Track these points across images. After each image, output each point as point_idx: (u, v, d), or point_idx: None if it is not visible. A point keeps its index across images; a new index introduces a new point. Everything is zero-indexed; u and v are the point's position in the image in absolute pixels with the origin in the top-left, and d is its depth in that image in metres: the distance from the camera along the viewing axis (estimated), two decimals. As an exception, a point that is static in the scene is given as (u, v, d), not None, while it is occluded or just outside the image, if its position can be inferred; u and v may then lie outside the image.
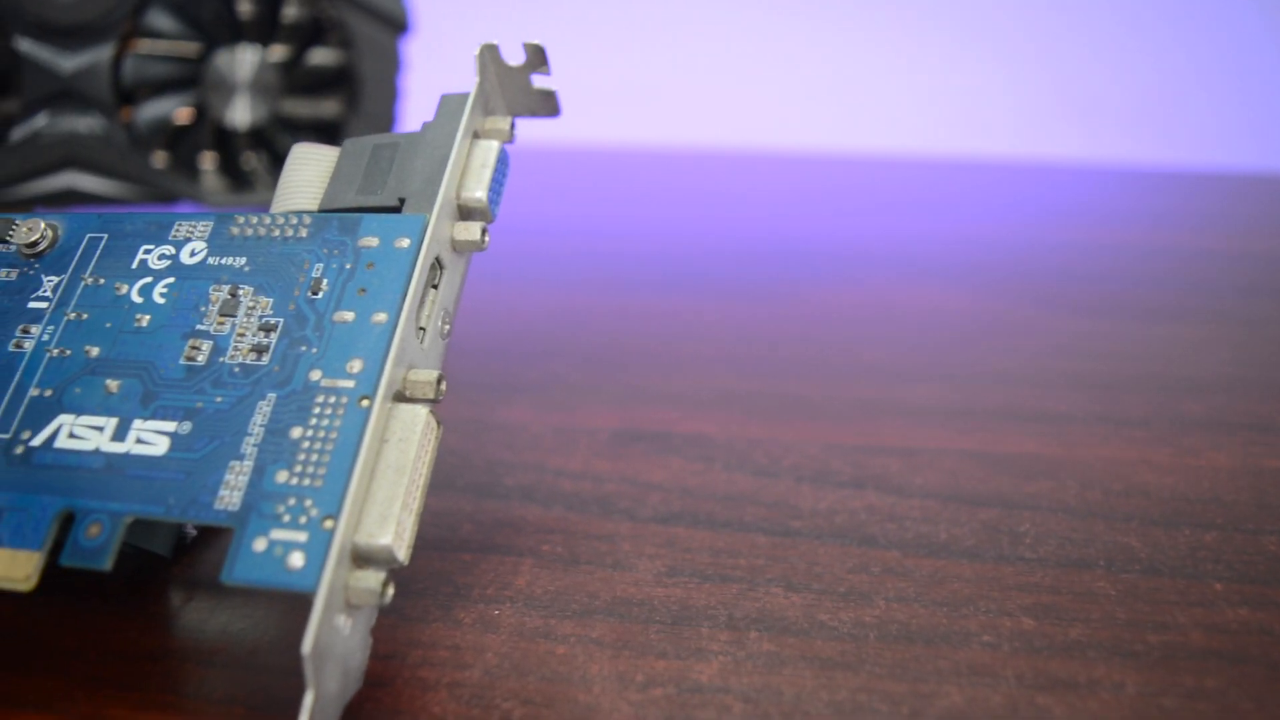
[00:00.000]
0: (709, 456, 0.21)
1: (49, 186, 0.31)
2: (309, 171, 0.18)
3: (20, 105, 0.30)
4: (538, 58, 0.17)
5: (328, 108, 0.34)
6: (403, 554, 0.14)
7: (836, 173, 0.49)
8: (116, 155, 0.31)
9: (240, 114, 0.32)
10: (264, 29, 0.33)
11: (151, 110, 0.32)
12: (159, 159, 0.33)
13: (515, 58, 0.17)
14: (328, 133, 0.34)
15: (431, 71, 0.40)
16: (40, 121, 0.30)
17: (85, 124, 0.31)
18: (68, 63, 0.30)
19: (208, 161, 0.34)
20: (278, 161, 0.34)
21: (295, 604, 0.17)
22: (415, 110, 0.37)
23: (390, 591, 0.13)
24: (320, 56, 0.34)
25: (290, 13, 0.33)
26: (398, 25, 0.34)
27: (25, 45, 0.30)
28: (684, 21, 0.62)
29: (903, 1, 0.60)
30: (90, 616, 0.16)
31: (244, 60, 0.32)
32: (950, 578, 0.17)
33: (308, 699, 0.13)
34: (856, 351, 0.27)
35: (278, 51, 0.33)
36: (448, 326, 0.16)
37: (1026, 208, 0.43)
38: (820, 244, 0.37)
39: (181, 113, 0.33)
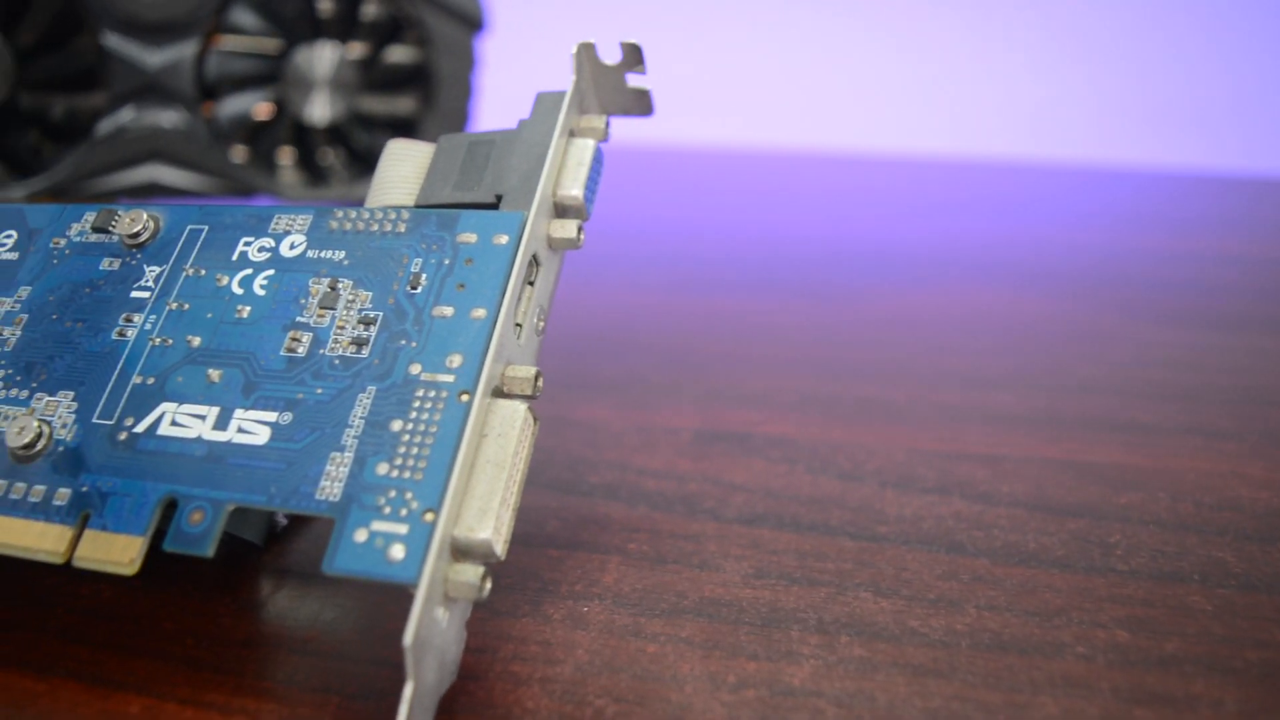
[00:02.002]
0: (791, 459, 0.21)
1: (133, 179, 0.31)
2: (404, 167, 0.18)
3: (107, 99, 0.31)
4: (634, 56, 0.17)
5: (403, 105, 0.35)
6: (500, 549, 0.14)
7: (916, 174, 0.49)
8: (198, 149, 0.32)
9: (319, 110, 0.33)
10: (343, 26, 0.33)
11: (232, 105, 0.33)
12: (238, 153, 0.33)
13: (610, 56, 0.17)
14: (403, 129, 0.35)
15: (501, 69, 0.40)
16: (126, 116, 0.31)
17: (168, 118, 0.31)
18: (153, 58, 0.31)
19: (286, 156, 0.34)
20: (354, 158, 0.34)
21: (383, 595, 0.17)
22: (489, 108, 0.37)
23: (488, 586, 0.13)
24: (398, 54, 0.34)
25: (370, 11, 0.33)
26: (474, 23, 0.34)
27: (113, 41, 0.30)
28: (758, 22, 0.62)
29: (977, 4, 0.59)
30: (185, 601, 0.17)
31: (323, 57, 0.32)
32: (1041, 587, 0.17)
33: (408, 690, 0.13)
34: (936, 355, 0.26)
35: (356, 49, 0.33)
36: (542, 323, 0.16)
37: (1102, 212, 0.42)
38: (896, 246, 0.36)
39: (261, 108, 0.33)
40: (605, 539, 0.18)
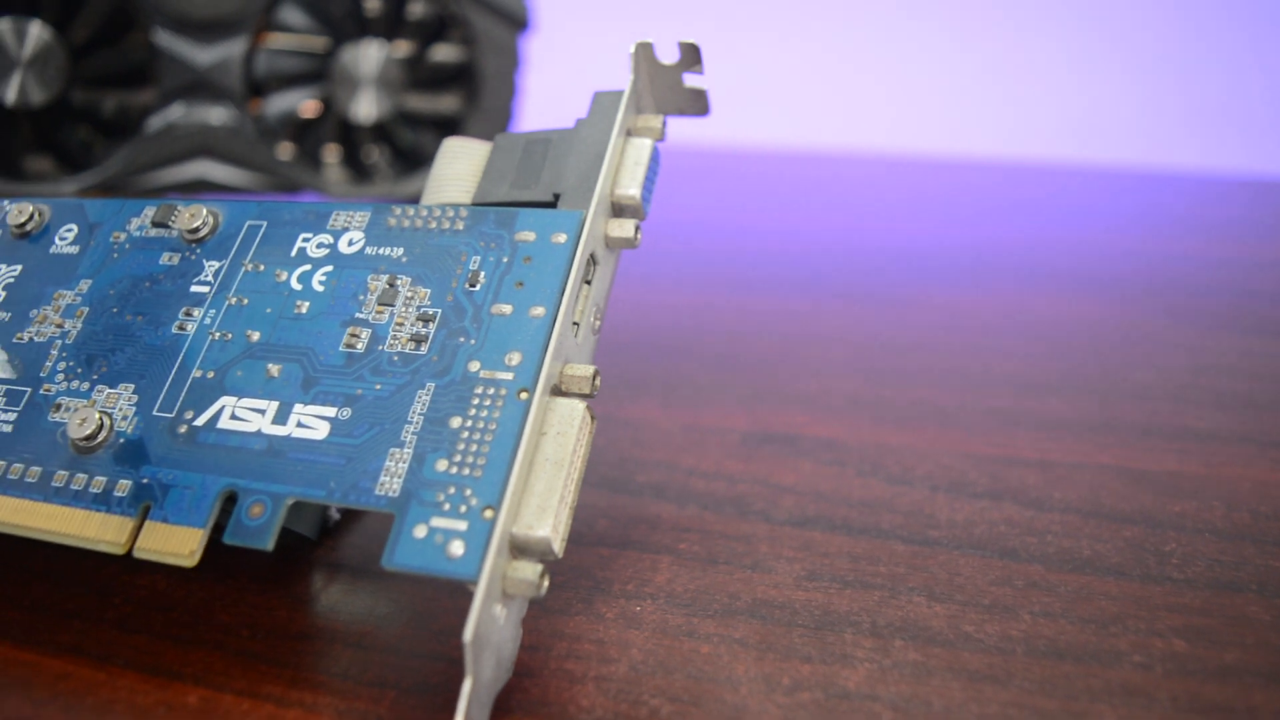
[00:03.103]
0: (841, 461, 0.21)
1: (181, 175, 0.32)
2: (461, 165, 0.18)
3: (157, 96, 0.31)
4: (692, 56, 0.17)
5: (447, 103, 0.35)
6: (559, 547, 0.14)
7: (963, 178, 0.48)
8: (245, 146, 0.32)
9: (364, 108, 0.33)
10: (390, 25, 0.33)
11: (279, 103, 0.33)
12: (284, 150, 0.33)
13: (668, 56, 0.17)
14: (447, 128, 0.35)
15: (541, 68, 0.40)
16: (175, 112, 0.31)
17: (217, 115, 0.31)
18: (203, 56, 0.31)
19: (331, 154, 0.34)
20: (399, 156, 0.35)
21: (436, 590, 0.17)
22: (532, 106, 0.37)
23: (546, 583, 0.13)
24: (443, 53, 0.34)
25: (416, 9, 0.33)
26: (519, 22, 0.34)
27: (163, 38, 0.30)
28: (804, 23, 0.62)
29: (1030, 7, 0.59)
30: (240, 594, 0.17)
31: (369, 55, 0.33)
32: (1096, 595, 0.17)
33: (466, 686, 0.13)
34: (986, 359, 0.26)
35: (402, 47, 0.34)
36: (599, 322, 0.16)
37: (1154, 217, 0.42)
38: (943, 249, 0.36)
39: (308, 106, 0.33)
40: (656, 538, 0.18)
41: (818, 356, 0.26)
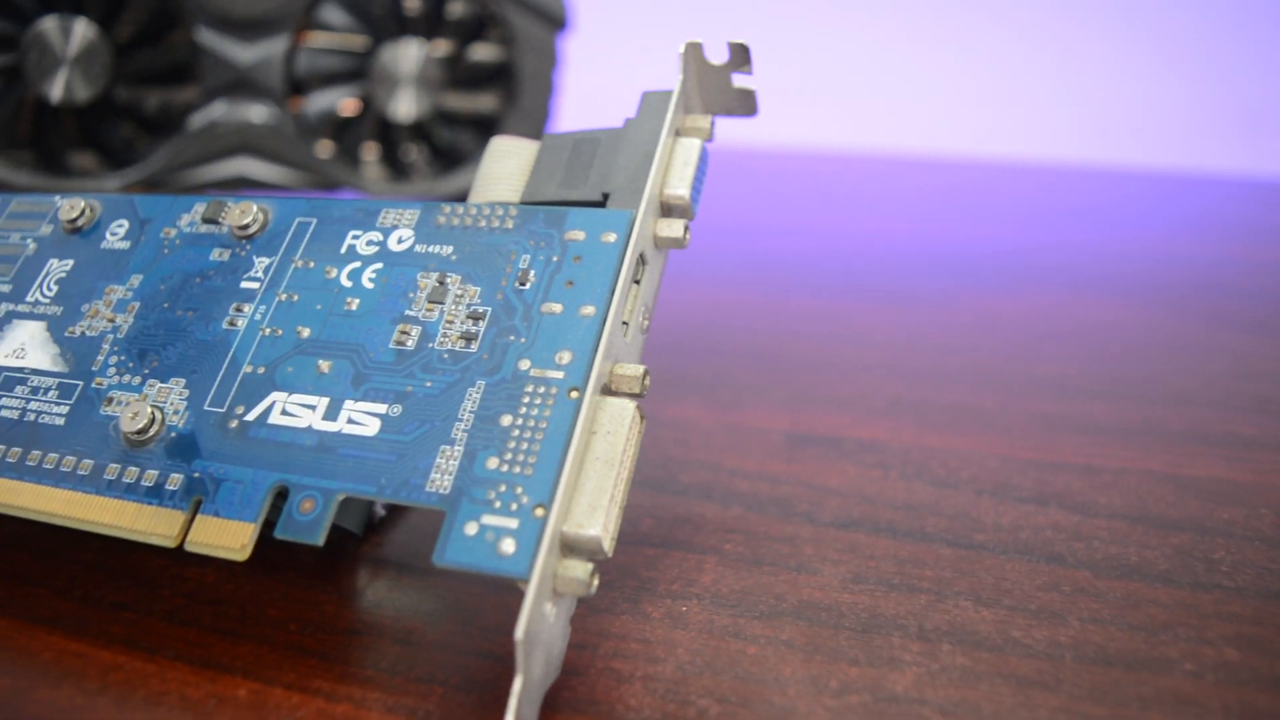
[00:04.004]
0: (885, 464, 0.21)
1: (222, 172, 0.32)
2: (509, 164, 0.18)
3: (199, 94, 0.31)
4: (741, 57, 0.17)
5: (485, 102, 0.35)
6: (609, 545, 0.14)
7: (1006, 180, 0.48)
8: (285, 144, 0.32)
9: (403, 107, 0.33)
10: (429, 24, 0.33)
11: (319, 101, 0.33)
12: (323, 148, 0.34)
13: (717, 56, 0.17)
14: (484, 127, 0.35)
15: (575, 67, 0.40)
16: (217, 110, 0.31)
17: (257, 113, 0.32)
18: (244, 54, 0.31)
19: (370, 152, 0.34)
20: (437, 154, 0.35)
21: (482, 587, 0.17)
22: (570, 106, 0.37)
23: (596, 582, 0.13)
24: (482, 52, 0.34)
25: (455, 9, 0.33)
26: (557, 22, 0.34)
27: (206, 37, 0.31)
28: (846, 23, 0.62)
29: (1077, 10, 0.59)
30: (287, 588, 0.17)
31: (409, 54, 0.33)
32: (1145, 602, 0.17)
33: (517, 683, 0.13)
34: (1027, 363, 0.26)
35: (441, 46, 0.34)
36: (647, 322, 0.16)
37: (1198, 221, 0.41)
38: (984, 252, 0.36)
39: (347, 104, 0.34)
40: (701, 539, 0.18)
41: (858, 358, 0.26)
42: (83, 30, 0.29)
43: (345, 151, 0.34)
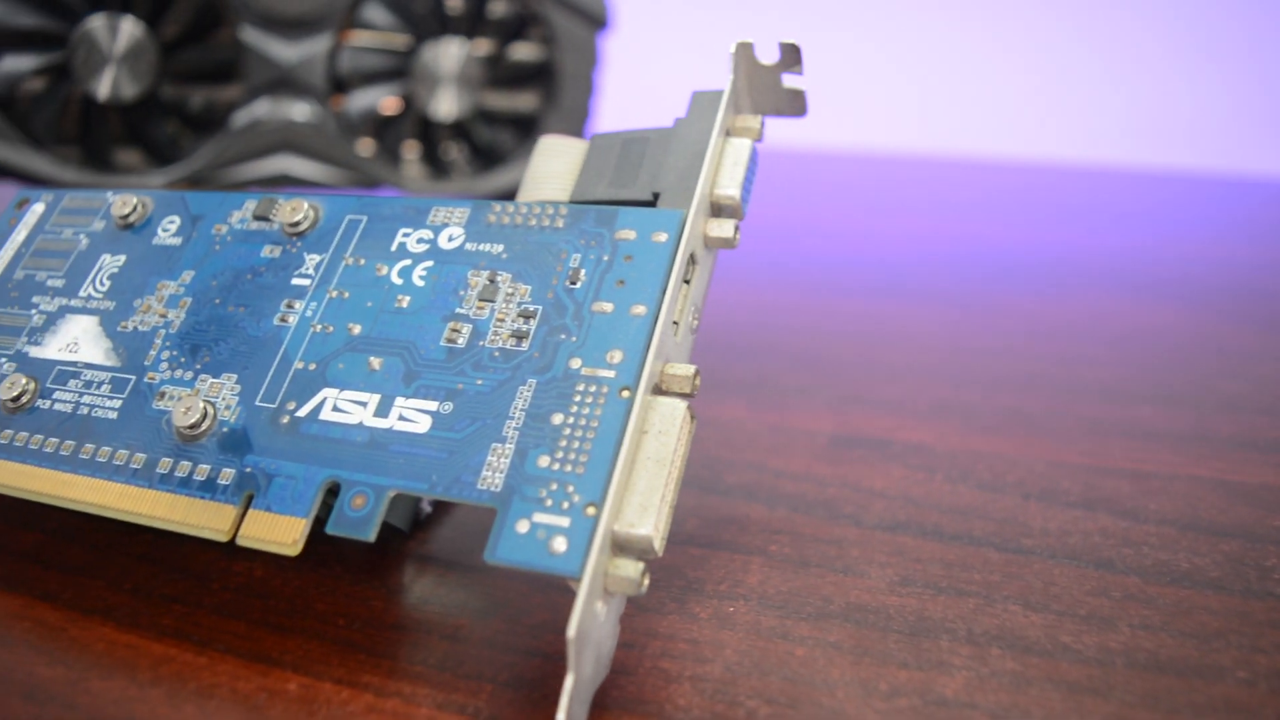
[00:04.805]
0: (930, 467, 0.21)
1: (264, 170, 0.32)
2: (558, 163, 0.18)
3: (243, 92, 0.31)
4: (792, 57, 0.17)
5: (525, 101, 0.35)
6: (659, 545, 0.14)
7: (1053, 182, 0.48)
8: (327, 142, 0.32)
9: (444, 105, 0.33)
10: (471, 23, 0.33)
11: (361, 100, 0.33)
12: (364, 146, 0.34)
13: (768, 56, 0.17)
14: (524, 126, 0.35)
15: (617, 66, 0.40)
16: (260, 108, 0.32)
17: (300, 111, 0.32)
18: (288, 53, 0.31)
19: (410, 150, 0.35)
20: (477, 153, 0.35)
21: (530, 585, 0.17)
22: (609, 105, 0.37)
23: (646, 582, 0.13)
24: (523, 51, 0.34)
25: (497, 8, 0.33)
26: (598, 21, 0.34)
27: (250, 35, 0.31)
28: (892, 25, 0.61)
29: (1122, 13, 0.58)
30: (334, 584, 0.17)
31: (450, 53, 0.33)
32: (1196, 609, 0.16)
33: (569, 681, 0.13)
34: (1073, 366, 0.26)
35: (482, 45, 0.34)
36: (696, 322, 0.16)
37: (1247, 225, 0.41)
38: (1030, 254, 0.36)
39: (388, 102, 0.34)
40: (746, 539, 0.18)
41: (902, 360, 0.26)
42: (130, 29, 0.29)
43: (386, 150, 0.34)
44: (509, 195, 0.33)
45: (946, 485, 0.20)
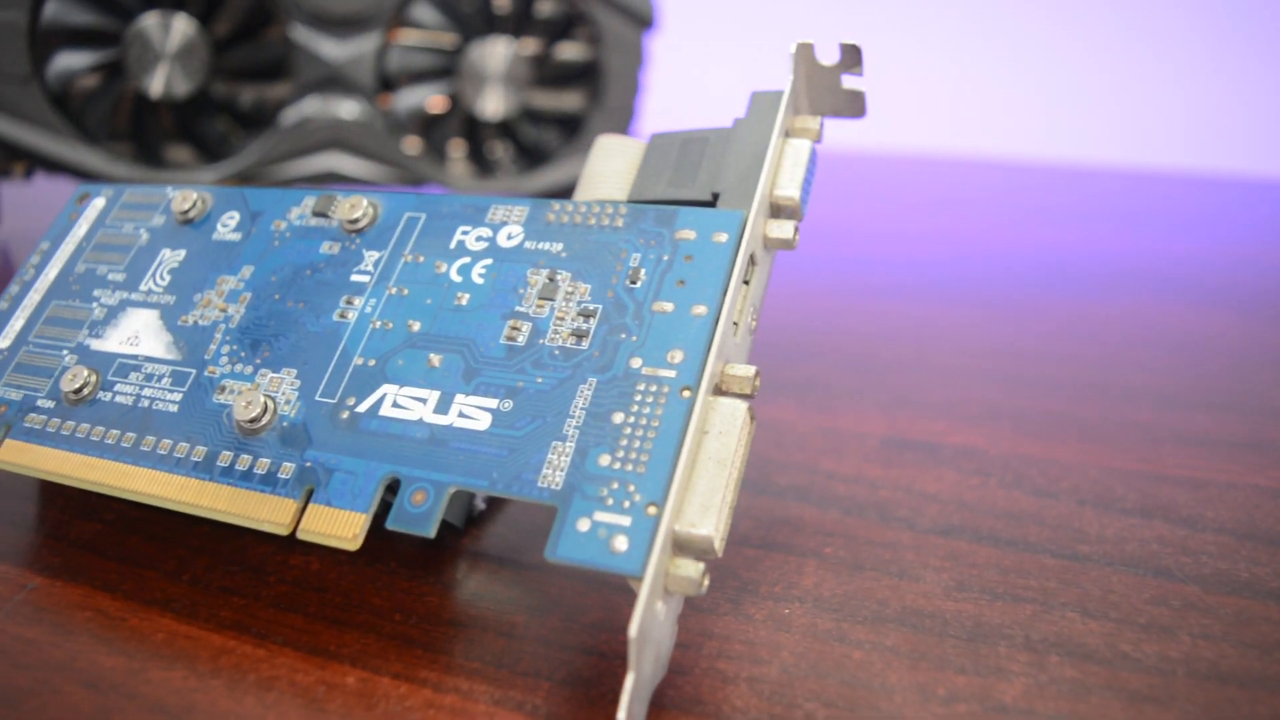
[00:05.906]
0: (984, 471, 0.21)
1: (313, 167, 0.32)
2: (616, 162, 0.18)
3: (292, 90, 0.32)
4: (852, 58, 0.17)
5: (570, 100, 0.35)
6: (719, 545, 0.14)
7: (1105, 186, 0.47)
8: (374, 139, 0.32)
9: (491, 104, 0.33)
10: (518, 22, 0.33)
11: (408, 98, 0.34)
12: (411, 144, 0.34)
13: (828, 57, 0.17)
14: (569, 125, 0.35)
15: (662, 66, 0.40)
16: (309, 106, 0.32)
17: (348, 109, 0.32)
18: (337, 51, 0.32)
19: (457, 149, 0.35)
20: (522, 152, 0.35)
21: (585, 583, 0.17)
22: (654, 105, 0.37)
23: (706, 582, 0.13)
24: (569, 50, 0.34)
25: (544, 8, 0.34)
26: (644, 21, 0.34)
27: (300, 34, 0.31)
28: (943, 28, 0.61)
29: (1179, 19, 0.58)
30: (390, 579, 0.17)
31: (497, 53, 0.33)
32: (1257, 619, 0.16)
33: (629, 680, 0.13)
34: (1124, 371, 0.25)
35: (529, 45, 0.34)
36: (755, 323, 0.16)
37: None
38: (1081, 258, 0.35)
39: (435, 101, 0.34)
40: (800, 541, 0.18)
41: (953, 363, 0.26)
42: (182, 27, 0.30)
43: (433, 148, 0.34)
44: (554, 194, 0.33)
45: (1000, 490, 0.20)
